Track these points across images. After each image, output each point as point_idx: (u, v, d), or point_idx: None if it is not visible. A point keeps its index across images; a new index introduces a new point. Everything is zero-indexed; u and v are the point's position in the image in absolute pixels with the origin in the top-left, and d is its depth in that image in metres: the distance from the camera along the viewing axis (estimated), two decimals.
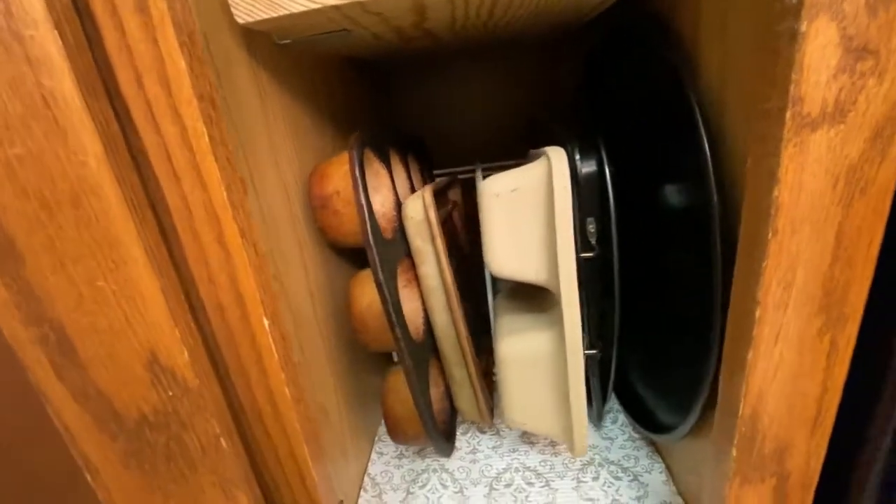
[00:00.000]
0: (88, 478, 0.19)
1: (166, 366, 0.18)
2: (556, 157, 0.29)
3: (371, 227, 0.30)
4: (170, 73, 0.17)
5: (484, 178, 0.36)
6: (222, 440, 0.21)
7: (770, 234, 0.19)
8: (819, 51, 0.17)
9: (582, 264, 0.33)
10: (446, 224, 0.43)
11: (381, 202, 0.36)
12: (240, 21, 0.25)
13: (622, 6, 0.34)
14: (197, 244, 0.20)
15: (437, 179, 0.49)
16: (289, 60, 0.34)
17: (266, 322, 0.22)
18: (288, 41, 0.32)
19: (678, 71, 0.27)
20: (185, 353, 0.19)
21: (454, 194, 0.55)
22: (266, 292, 0.22)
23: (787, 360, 0.22)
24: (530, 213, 0.32)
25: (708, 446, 0.33)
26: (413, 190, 0.47)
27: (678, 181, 0.30)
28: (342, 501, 0.30)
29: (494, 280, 0.61)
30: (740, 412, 0.23)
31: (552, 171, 0.29)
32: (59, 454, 0.20)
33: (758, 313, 0.21)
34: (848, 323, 0.21)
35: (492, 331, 0.47)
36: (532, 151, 0.37)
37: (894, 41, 0.16)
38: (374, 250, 0.30)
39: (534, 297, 0.42)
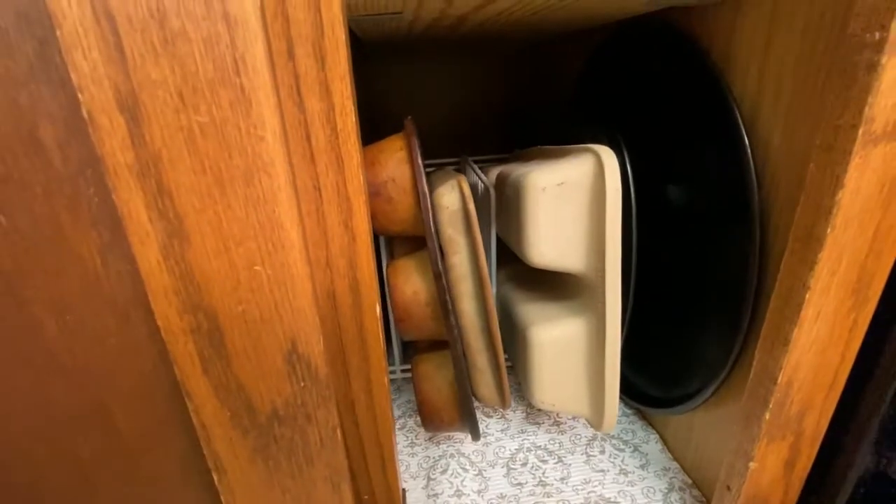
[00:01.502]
0: (216, 479, 0.17)
1: (303, 355, 0.17)
2: (608, 157, 0.31)
3: (433, 217, 0.30)
4: (328, 45, 0.16)
5: (467, 170, 0.38)
6: (338, 432, 0.20)
7: (829, 230, 0.23)
8: (892, 80, 0.20)
9: None
10: None
11: None
12: None
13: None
14: (320, 228, 0.19)
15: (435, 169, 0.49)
16: None
17: (378, 309, 0.21)
18: None
19: (719, 81, 0.31)
20: (321, 342, 0.18)
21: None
22: (376, 279, 0.21)
23: (821, 336, 0.26)
24: (575, 206, 0.34)
25: (708, 415, 0.38)
26: None
27: (706, 176, 0.34)
28: (405, 490, 0.30)
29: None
30: (779, 381, 0.27)
31: (604, 170, 0.31)
32: None
33: (807, 296, 0.25)
34: (868, 303, 0.25)
35: (496, 319, 0.48)
36: (560, 147, 0.39)
37: None
38: (436, 240, 0.30)
39: (549, 286, 0.44)
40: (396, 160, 0.32)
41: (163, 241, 0.14)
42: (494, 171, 0.49)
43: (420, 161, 0.30)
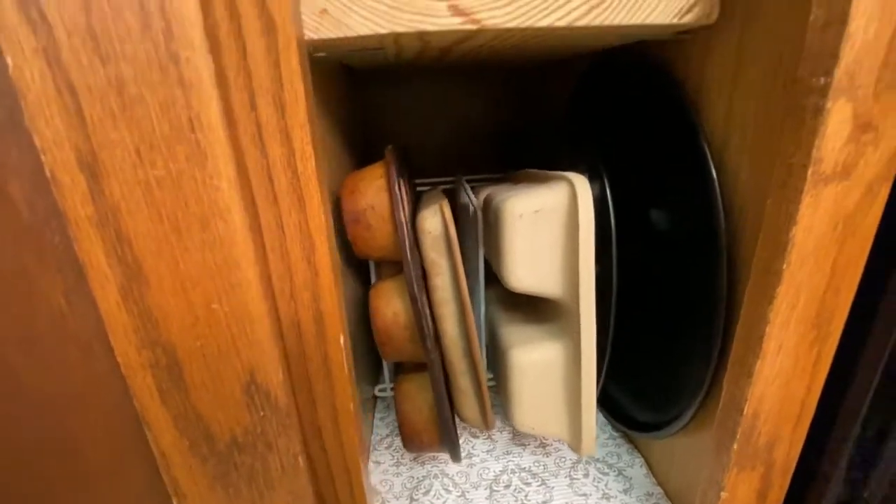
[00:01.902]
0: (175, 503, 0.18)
1: (262, 386, 0.18)
2: (581, 186, 0.32)
3: (410, 244, 0.31)
4: (287, 97, 0.17)
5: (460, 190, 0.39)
6: (300, 458, 0.21)
7: (784, 266, 0.23)
8: (837, 124, 0.21)
9: None
10: None
11: (406, 215, 0.37)
12: (304, 37, 0.25)
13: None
14: (284, 263, 0.20)
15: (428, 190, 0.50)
16: (313, 69, 0.33)
17: (342, 339, 0.22)
18: (322, 54, 0.32)
19: (690, 113, 0.32)
20: (280, 373, 0.19)
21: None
22: (342, 310, 0.22)
23: (785, 369, 0.26)
24: (551, 233, 0.34)
25: (688, 441, 0.38)
26: (407, 195, 0.48)
27: (679, 205, 0.35)
28: None
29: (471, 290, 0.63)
30: (745, 412, 0.27)
31: (578, 200, 0.32)
32: None
33: (767, 330, 0.25)
34: (831, 338, 0.26)
35: (482, 345, 0.49)
36: (543, 172, 0.40)
37: (889, 120, 0.21)
38: (412, 267, 0.31)
39: (533, 308, 0.45)
40: (376, 188, 0.33)
41: (122, 284, 0.16)
42: (486, 192, 0.50)
43: (398, 190, 0.32)
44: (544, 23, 0.26)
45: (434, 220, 0.37)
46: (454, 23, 0.26)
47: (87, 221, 0.15)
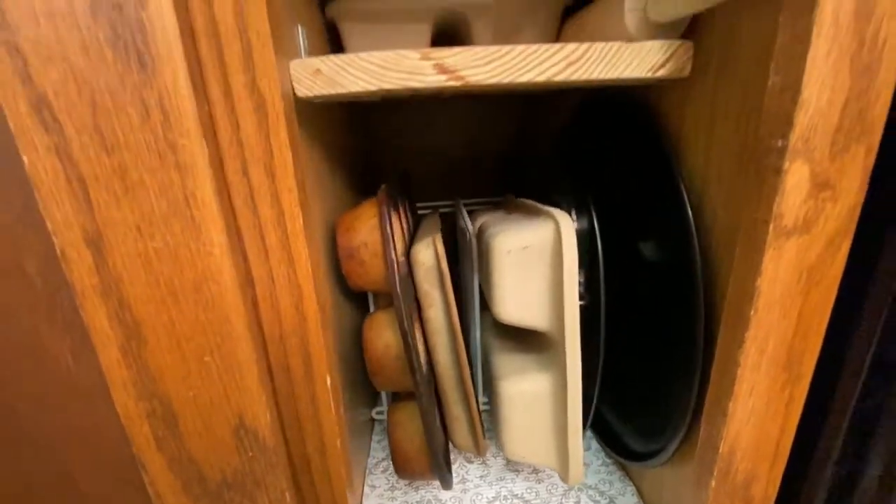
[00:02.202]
0: None
1: (251, 428, 0.20)
2: (565, 224, 0.34)
3: (400, 281, 0.33)
4: (276, 164, 0.19)
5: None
6: (287, 494, 0.22)
7: (752, 312, 0.24)
8: (796, 183, 0.22)
9: None
10: None
11: (399, 250, 0.39)
12: (299, 94, 0.27)
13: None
14: (274, 310, 0.22)
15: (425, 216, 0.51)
16: (310, 112, 0.35)
17: (328, 380, 0.23)
18: (319, 100, 0.34)
19: (669, 157, 0.33)
20: (268, 415, 0.20)
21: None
22: (329, 352, 0.24)
23: (758, 409, 0.27)
24: (537, 268, 0.36)
25: (676, 472, 0.38)
26: (403, 225, 0.50)
27: (660, 243, 0.36)
28: None
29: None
30: (720, 451, 0.28)
31: (562, 239, 0.33)
32: None
33: (739, 372, 0.26)
34: (802, 380, 0.27)
35: (477, 368, 0.50)
36: (533, 203, 0.41)
37: (845, 179, 0.22)
38: (402, 302, 0.33)
39: (524, 338, 0.46)
40: (369, 227, 0.34)
41: (122, 343, 0.17)
42: (482, 219, 0.52)
43: (389, 229, 0.33)
44: (524, 79, 0.28)
45: (427, 253, 0.39)
46: (440, 80, 0.27)
47: (92, 290, 0.16)
